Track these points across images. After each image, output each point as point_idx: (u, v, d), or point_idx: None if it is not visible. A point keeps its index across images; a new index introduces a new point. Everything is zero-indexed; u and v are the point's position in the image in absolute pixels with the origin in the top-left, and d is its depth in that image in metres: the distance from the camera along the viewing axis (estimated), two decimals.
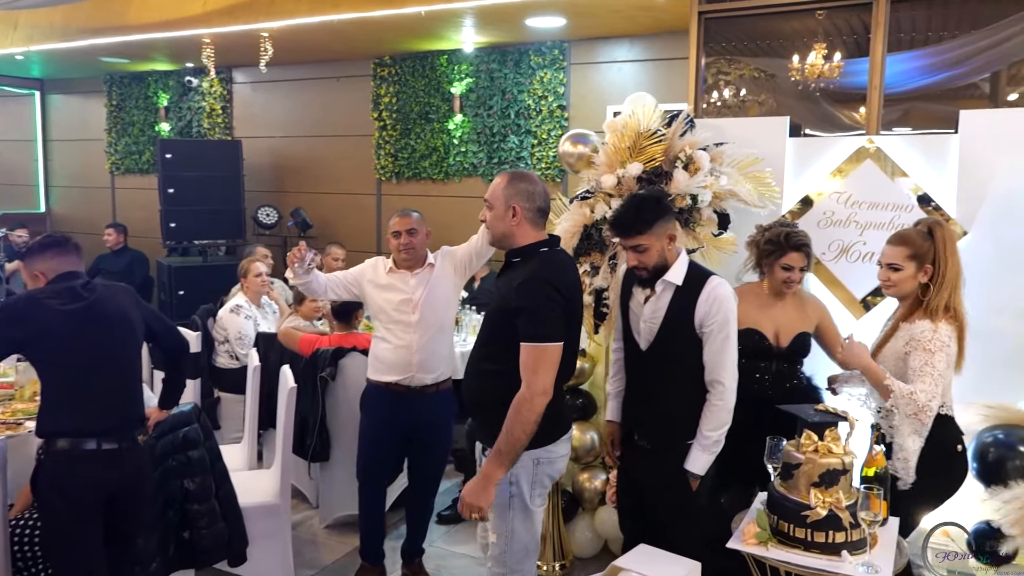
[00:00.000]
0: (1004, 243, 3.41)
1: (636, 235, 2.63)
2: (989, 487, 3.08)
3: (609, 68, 6.48)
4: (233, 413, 4.84)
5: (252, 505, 3.30)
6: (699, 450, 2.64)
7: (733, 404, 2.63)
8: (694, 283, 2.65)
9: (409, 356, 3.40)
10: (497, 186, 2.55)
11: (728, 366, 2.61)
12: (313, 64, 7.82)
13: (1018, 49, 4.04)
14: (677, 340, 2.67)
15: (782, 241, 3.13)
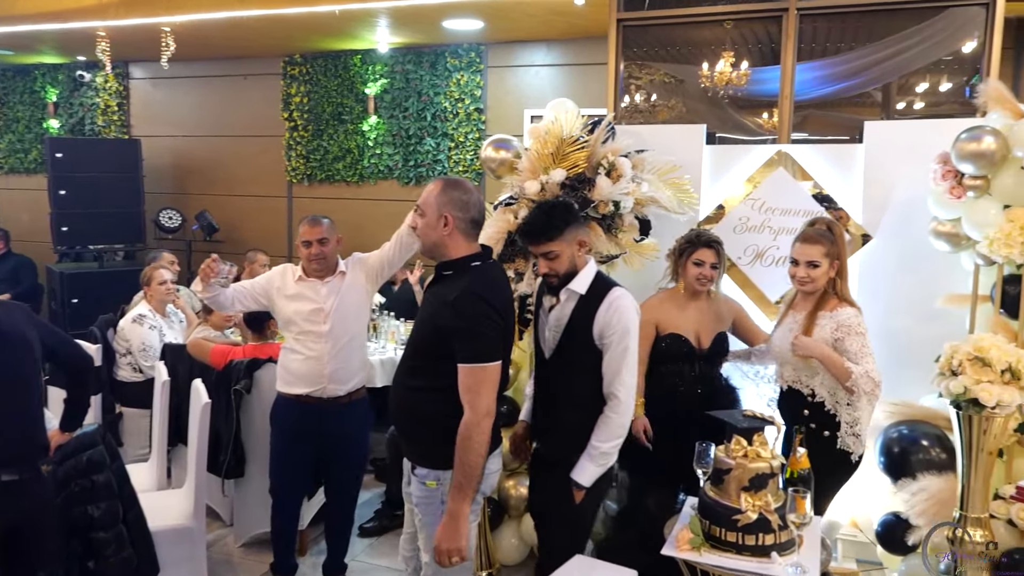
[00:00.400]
0: (906, 248, 3.59)
1: (547, 241, 2.60)
2: (896, 480, 3.23)
3: (526, 72, 6.50)
4: (137, 429, 4.60)
5: (163, 528, 3.14)
6: (587, 460, 2.58)
7: (629, 419, 2.60)
8: (597, 293, 2.62)
9: (321, 367, 3.30)
10: (430, 193, 2.45)
11: (625, 379, 2.56)
12: (218, 60, 7.54)
13: (909, 62, 4.26)
14: (577, 350, 2.63)
15: (693, 239, 3.23)
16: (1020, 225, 2.99)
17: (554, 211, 2.67)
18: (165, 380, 3.68)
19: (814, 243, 2.95)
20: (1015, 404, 2.59)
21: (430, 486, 2.41)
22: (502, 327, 2.37)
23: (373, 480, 4.95)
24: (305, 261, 3.37)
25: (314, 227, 3.35)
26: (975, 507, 2.73)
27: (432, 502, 2.42)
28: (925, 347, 3.10)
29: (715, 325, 3.26)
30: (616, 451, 2.60)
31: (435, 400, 2.36)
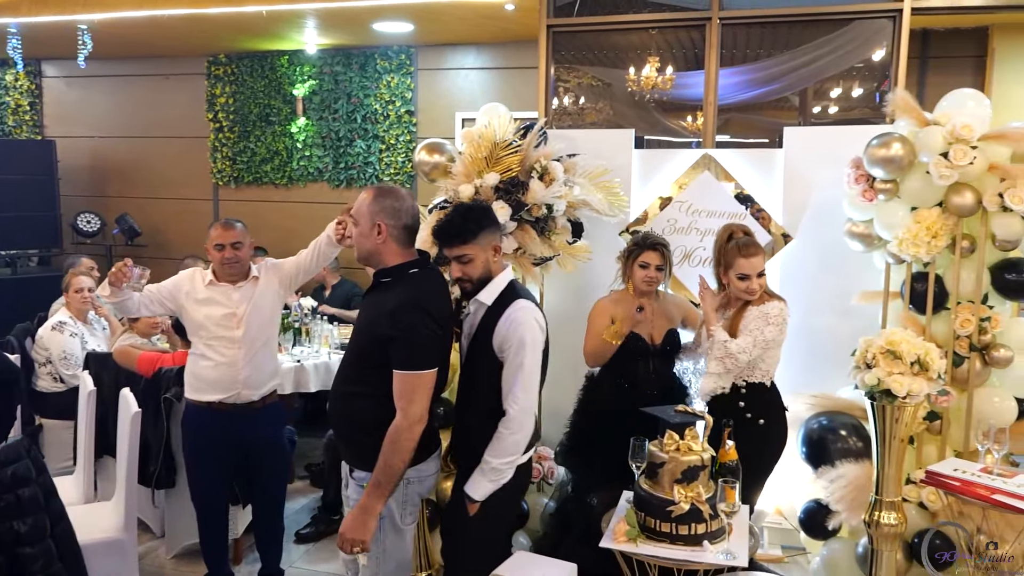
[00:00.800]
0: (824, 249, 3.76)
1: (460, 244, 2.53)
2: (817, 468, 3.39)
3: (457, 75, 6.53)
4: (59, 441, 4.45)
5: (93, 542, 3.04)
6: (479, 474, 2.48)
7: (524, 437, 2.49)
8: (502, 305, 2.53)
9: (234, 373, 3.24)
10: (363, 202, 2.49)
11: (518, 396, 2.45)
12: (138, 59, 7.32)
13: (823, 69, 4.47)
14: (480, 360, 2.56)
15: (640, 241, 3.33)
16: (926, 226, 3.18)
17: (470, 214, 2.60)
18: (91, 389, 3.58)
19: (756, 254, 3.10)
20: (923, 394, 2.75)
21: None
22: (439, 335, 2.42)
23: (308, 486, 4.91)
24: (217, 265, 3.30)
25: (228, 230, 3.29)
26: (889, 491, 2.88)
27: None
28: (842, 342, 3.25)
29: (665, 323, 3.37)
30: (510, 469, 2.48)
31: (373, 405, 2.40)
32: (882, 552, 2.92)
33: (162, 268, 7.06)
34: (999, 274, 3.24)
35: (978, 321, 3.24)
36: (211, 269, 3.35)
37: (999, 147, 3.13)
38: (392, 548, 2.49)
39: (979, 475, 2.76)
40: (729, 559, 2.34)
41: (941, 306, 3.35)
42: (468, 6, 5.24)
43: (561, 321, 4.03)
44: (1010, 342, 3.27)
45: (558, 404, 3.90)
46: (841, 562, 3.40)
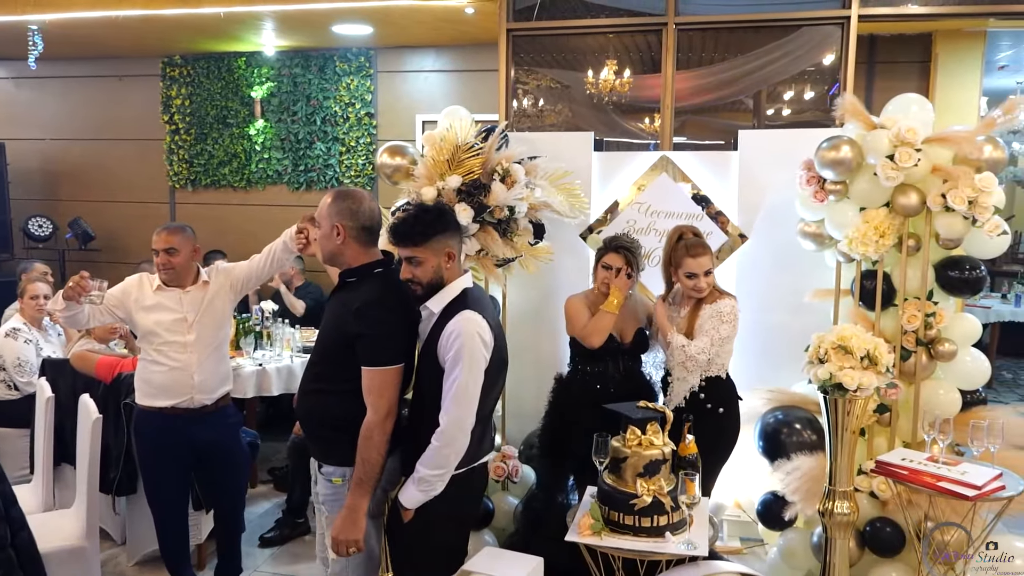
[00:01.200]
0: (778, 248, 3.87)
1: (411, 246, 2.46)
2: (773, 462, 3.49)
3: (416, 77, 6.55)
4: (14, 450, 4.36)
5: (54, 550, 3.01)
6: (410, 482, 2.41)
7: (454, 451, 2.39)
8: (450, 313, 2.45)
9: (187, 378, 3.22)
10: (323, 205, 2.56)
11: (450, 409, 2.36)
12: (91, 60, 7.19)
13: (775, 73, 4.60)
14: (427, 369, 2.49)
15: (606, 243, 3.41)
16: (874, 225, 3.30)
17: (425, 216, 2.52)
18: (49, 396, 3.53)
19: (703, 254, 3.24)
20: (873, 387, 2.86)
21: (336, 483, 2.52)
22: (404, 332, 2.49)
23: (272, 490, 4.89)
24: (159, 269, 3.26)
25: (164, 235, 3.25)
26: (842, 482, 2.99)
27: (338, 499, 2.50)
28: (796, 338, 3.31)
29: (633, 321, 3.44)
30: (441, 482, 2.40)
31: (340, 402, 2.47)
32: (836, 540, 3.02)
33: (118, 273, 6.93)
34: (943, 271, 3.38)
35: (924, 317, 3.37)
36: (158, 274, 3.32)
37: (942, 149, 3.26)
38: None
39: (926, 464, 2.88)
40: (690, 549, 2.42)
41: (889, 303, 3.48)
42: (427, 10, 5.26)
43: (524, 321, 4.10)
44: (954, 337, 3.40)
45: (522, 404, 3.96)
46: (797, 551, 3.51)
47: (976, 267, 3.34)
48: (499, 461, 3.83)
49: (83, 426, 3.27)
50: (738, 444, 3.45)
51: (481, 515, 3.70)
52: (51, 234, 7.11)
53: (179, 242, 3.24)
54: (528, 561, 2.37)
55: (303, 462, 4.30)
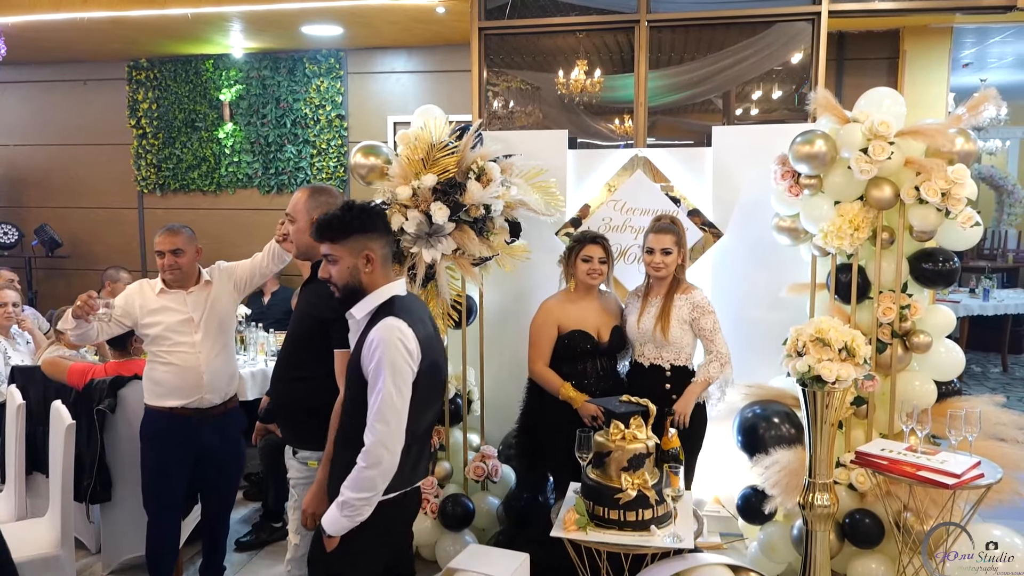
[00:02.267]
0: (753, 244, 3.89)
1: (327, 241, 2.32)
2: (753, 456, 3.50)
3: (387, 78, 6.51)
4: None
5: (28, 559, 2.95)
6: (335, 507, 2.22)
7: (380, 473, 2.19)
8: (372, 324, 2.27)
9: (197, 378, 3.26)
10: (299, 200, 2.62)
11: (375, 426, 2.17)
12: (55, 65, 7.06)
13: (745, 71, 4.64)
14: (355, 383, 2.32)
15: (579, 237, 3.41)
16: (849, 219, 3.33)
17: (348, 213, 2.35)
18: (20, 403, 3.45)
19: (666, 233, 3.29)
20: (851, 379, 2.88)
21: (312, 466, 2.55)
22: None
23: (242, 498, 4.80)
24: (164, 271, 3.29)
25: (168, 237, 3.28)
26: (821, 474, 3.01)
27: (311, 481, 2.54)
28: (773, 333, 3.36)
29: (609, 319, 3.43)
30: (367, 507, 2.20)
31: (315, 387, 2.51)
32: (816, 532, 3.04)
33: (87, 279, 6.87)
34: (917, 264, 3.42)
35: (899, 309, 3.41)
36: (160, 277, 3.33)
37: (914, 143, 3.30)
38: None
39: (905, 454, 2.90)
40: (676, 542, 2.42)
41: (864, 296, 3.51)
42: (399, 9, 5.23)
43: (501, 320, 4.08)
44: (928, 328, 3.44)
45: (500, 402, 3.95)
46: (778, 545, 3.53)
47: (950, 259, 3.38)
48: (478, 461, 3.82)
49: (56, 432, 3.20)
50: (717, 440, 3.47)
51: (461, 515, 3.69)
52: (17, 241, 6.96)
53: (184, 243, 3.28)
54: (514, 558, 2.35)
55: (277, 466, 4.25)
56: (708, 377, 3.28)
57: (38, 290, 7.09)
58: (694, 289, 3.37)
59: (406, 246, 3.65)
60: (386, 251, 2.37)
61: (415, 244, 3.63)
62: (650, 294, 3.38)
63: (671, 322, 3.26)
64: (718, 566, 2.56)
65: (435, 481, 3.79)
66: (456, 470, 3.94)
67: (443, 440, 3.89)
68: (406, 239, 3.63)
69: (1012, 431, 3.27)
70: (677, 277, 3.35)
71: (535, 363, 3.37)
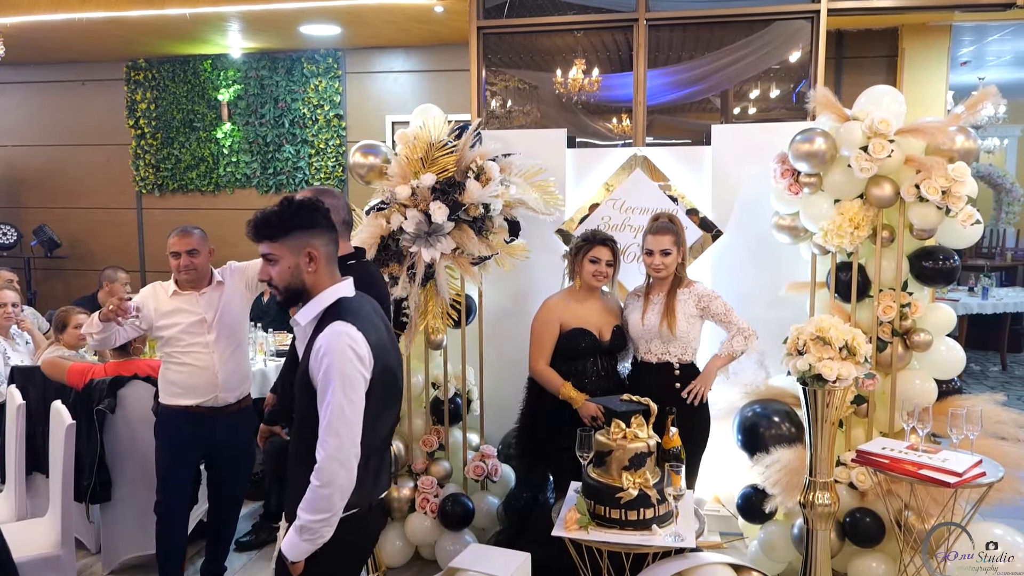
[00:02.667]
0: (753, 242, 3.89)
1: (265, 240, 2.16)
2: (753, 455, 3.50)
3: (386, 78, 6.51)
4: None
5: (29, 559, 2.95)
6: (293, 531, 2.07)
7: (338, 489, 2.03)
8: (320, 329, 2.13)
9: (212, 377, 3.30)
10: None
11: (327, 440, 2.02)
12: (53, 65, 7.06)
13: (744, 70, 4.63)
14: (305, 394, 2.15)
15: (590, 236, 3.38)
16: (849, 217, 3.33)
17: (288, 208, 2.19)
18: (20, 403, 3.45)
19: (665, 233, 3.28)
20: (852, 377, 2.88)
21: None
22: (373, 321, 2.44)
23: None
24: (176, 273, 3.33)
25: (183, 238, 3.31)
26: (822, 473, 3.01)
27: None
28: (772, 332, 3.34)
29: (611, 319, 3.42)
30: (328, 528, 2.05)
31: None
32: (817, 531, 3.04)
33: (86, 280, 6.87)
34: (917, 262, 3.41)
35: (899, 307, 3.40)
36: (172, 278, 3.36)
37: (914, 140, 3.30)
38: None
39: (906, 452, 2.90)
40: (678, 541, 2.41)
41: (864, 294, 3.50)
42: (397, 9, 5.23)
43: (501, 320, 4.08)
44: (929, 327, 3.44)
45: (500, 401, 3.94)
46: (778, 544, 3.52)
47: (950, 257, 3.38)
48: (478, 461, 3.81)
49: (56, 432, 3.20)
50: (717, 439, 3.47)
51: (461, 514, 3.69)
52: (16, 242, 6.96)
53: (198, 243, 3.31)
54: (516, 557, 2.34)
55: (280, 467, 4.25)
56: (732, 351, 3.28)
57: (37, 290, 7.08)
58: (695, 282, 3.39)
59: (405, 245, 3.65)
60: (330, 249, 2.22)
61: (414, 243, 3.62)
62: (651, 292, 3.37)
63: (677, 317, 3.26)
64: (720, 565, 2.55)
65: (435, 480, 3.79)
66: (456, 469, 3.93)
67: (443, 439, 3.89)
68: (405, 238, 3.63)
69: (1012, 430, 3.27)
70: (678, 275, 3.34)
71: (536, 361, 3.37)
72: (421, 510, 3.76)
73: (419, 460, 3.86)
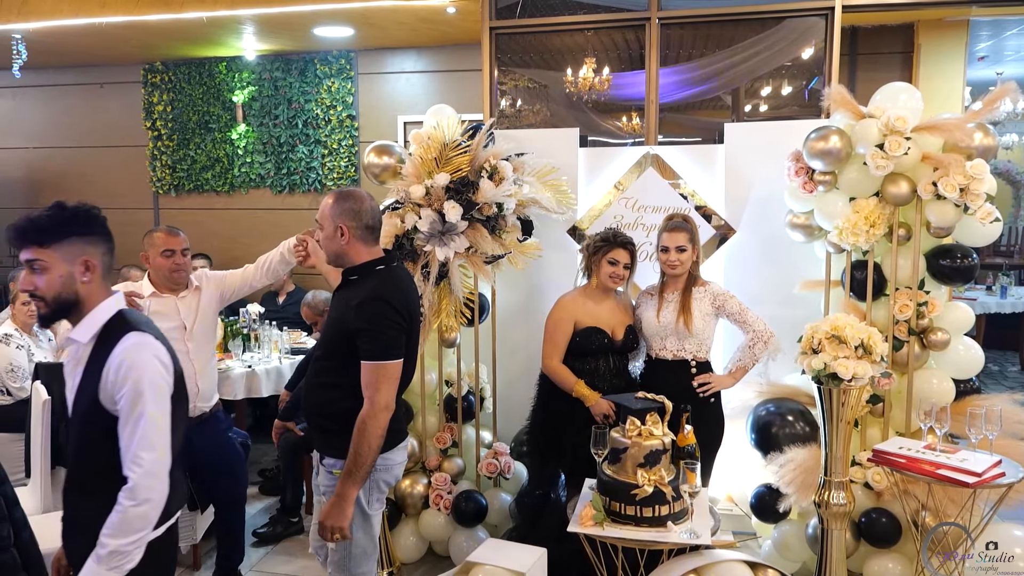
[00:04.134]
0: (766, 241, 3.87)
1: (33, 246, 1.96)
2: (767, 454, 3.48)
3: (397, 79, 6.53)
4: (7, 455, 4.28)
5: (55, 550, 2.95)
6: (94, 561, 1.90)
7: (153, 506, 1.93)
8: (107, 342, 1.97)
9: (191, 387, 3.10)
10: (325, 207, 2.57)
11: (141, 457, 1.91)
12: (73, 68, 7.14)
13: (756, 67, 4.61)
14: (89, 422, 1.99)
15: (610, 238, 3.36)
16: (864, 215, 3.31)
17: (62, 213, 2.00)
18: (46, 399, 3.49)
19: (679, 231, 3.29)
20: (868, 376, 2.87)
21: (336, 474, 2.51)
22: (404, 327, 2.47)
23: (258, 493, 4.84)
24: (166, 272, 3.21)
25: (175, 236, 3.23)
26: (837, 472, 3.00)
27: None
28: (786, 331, 3.34)
29: (624, 319, 3.43)
30: (139, 550, 1.92)
31: (343, 396, 2.47)
32: (832, 531, 3.03)
33: None
34: (934, 260, 3.39)
35: (916, 306, 3.38)
36: (147, 279, 3.25)
37: (931, 138, 3.27)
38: (359, 534, 2.54)
39: (924, 452, 2.88)
40: (693, 538, 2.41)
41: (880, 293, 3.49)
42: (409, 10, 5.25)
43: (513, 318, 4.09)
44: (946, 325, 3.41)
45: (513, 399, 3.96)
46: (792, 543, 3.51)
47: (968, 255, 3.35)
48: (491, 458, 3.83)
49: None
50: (730, 437, 3.45)
51: (474, 511, 3.70)
52: None
53: (187, 242, 3.27)
54: (532, 552, 2.35)
55: (295, 462, 4.29)
56: (755, 360, 3.31)
57: None
58: (709, 282, 3.39)
59: (419, 244, 3.66)
60: (107, 260, 2.04)
61: (428, 242, 3.64)
62: (666, 290, 3.38)
63: (693, 314, 3.27)
64: (735, 562, 2.55)
65: (448, 477, 3.81)
66: (469, 467, 3.95)
67: (456, 437, 3.90)
68: (419, 237, 3.65)
69: None
70: (692, 273, 3.35)
71: (550, 359, 3.37)
72: (435, 506, 3.78)
73: (432, 457, 3.88)
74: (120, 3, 5.29)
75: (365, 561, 2.58)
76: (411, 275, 2.72)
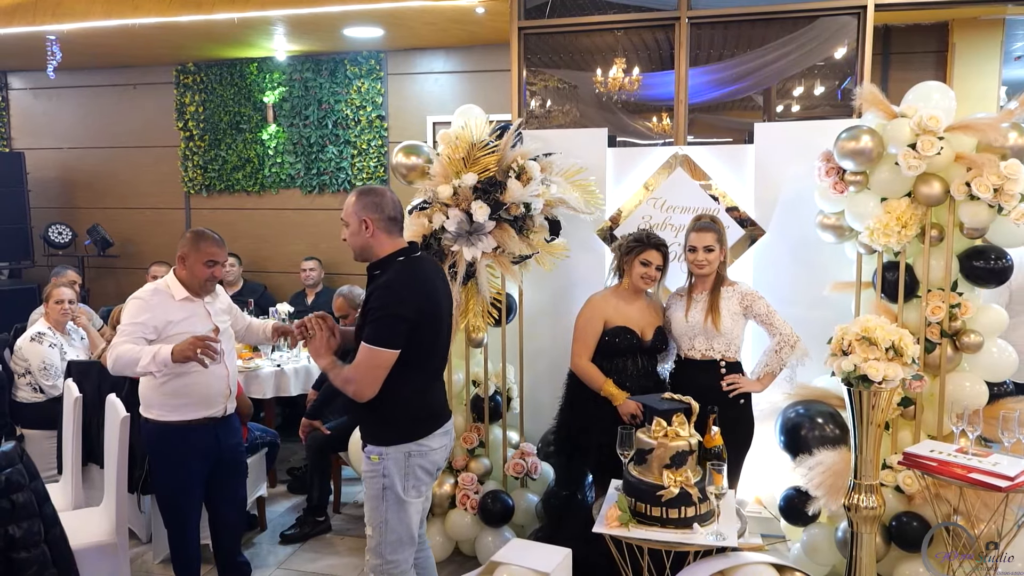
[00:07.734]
0: (795, 241, 3.84)
1: None
2: (796, 457, 3.46)
3: (426, 79, 6.56)
4: (40, 451, 4.41)
5: (85, 546, 3.04)
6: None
7: None
8: None
9: (225, 388, 3.20)
10: (349, 204, 2.66)
11: None
12: (105, 70, 7.26)
13: (788, 67, 4.56)
14: None
15: (644, 239, 3.37)
16: (896, 216, 3.27)
17: None
18: (77, 396, 3.56)
19: (707, 231, 3.30)
20: (898, 379, 2.82)
21: (373, 460, 2.58)
22: (409, 319, 2.50)
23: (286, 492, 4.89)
24: (202, 280, 3.15)
25: (221, 247, 3.22)
26: (867, 475, 2.96)
27: (375, 476, 2.59)
28: (815, 332, 3.31)
29: (654, 320, 3.43)
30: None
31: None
32: (862, 535, 2.99)
33: (135, 278, 7.03)
34: (967, 262, 3.33)
35: (948, 308, 3.33)
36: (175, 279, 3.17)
37: (965, 137, 3.22)
38: (394, 520, 2.59)
39: (955, 455, 2.84)
40: (719, 540, 2.40)
41: (912, 294, 3.44)
42: (438, 10, 5.27)
43: (541, 318, 4.09)
44: (979, 328, 3.35)
45: (539, 399, 3.96)
46: (821, 546, 3.48)
47: (1002, 256, 3.29)
48: (518, 458, 3.83)
49: (111, 424, 3.28)
50: (758, 440, 3.43)
51: (500, 511, 3.71)
52: (70, 241, 7.16)
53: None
54: (557, 552, 2.36)
55: (322, 461, 4.33)
56: (782, 365, 3.31)
57: (90, 288, 7.28)
58: (737, 283, 3.39)
59: (447, 244, 3.68)
60: None
61: (456, 242, 3.66)
62: (694, 291, 3.37)
63: (721, 313, 3.27)
64: (762, 565, 2.53)
65: (475, 477, 3.82)
66: (496, 467, 3.96)
67: (483, 437, 3.92)
68: (447, 237, 3.67)
69: None
70: (720, 274, 3.35)
71: (579, 357, 3.37)
72: (461, 506, 3.80)
73: (460, 457, 3.90)
74: (152, 5, 5.38)
75: (400, 549, 2.61)
76: (438, 265, 2.76)
